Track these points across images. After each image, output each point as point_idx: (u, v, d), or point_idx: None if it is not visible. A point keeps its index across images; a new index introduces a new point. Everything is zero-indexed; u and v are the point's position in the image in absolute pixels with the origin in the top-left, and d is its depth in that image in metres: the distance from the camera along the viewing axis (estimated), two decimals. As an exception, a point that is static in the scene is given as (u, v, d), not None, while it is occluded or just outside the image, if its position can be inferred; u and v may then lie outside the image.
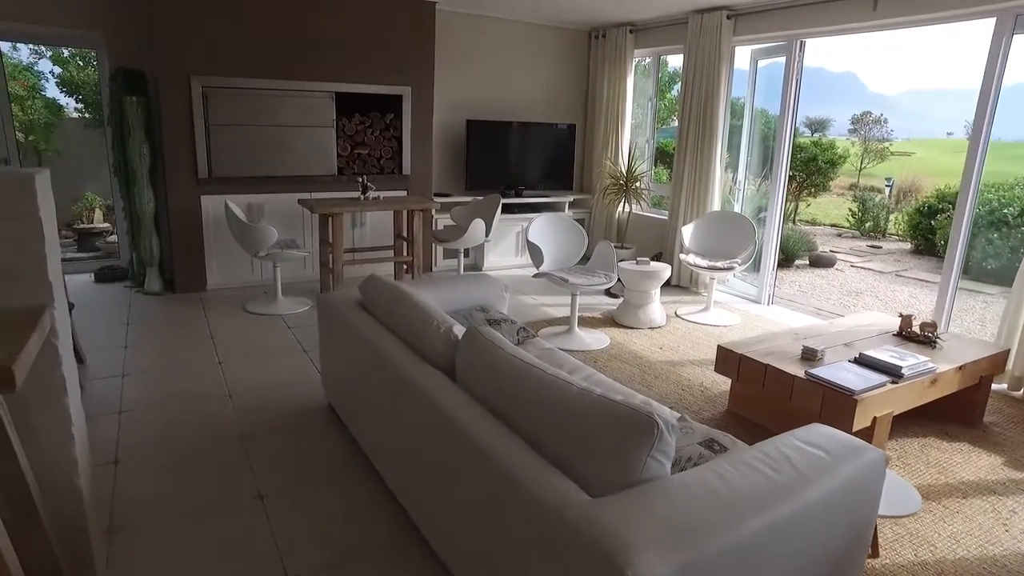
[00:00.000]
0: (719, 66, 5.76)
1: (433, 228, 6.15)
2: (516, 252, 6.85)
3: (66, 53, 8.79)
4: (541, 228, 4.69)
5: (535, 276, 4.56)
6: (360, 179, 5.32)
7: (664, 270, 4.97)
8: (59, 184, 7.97)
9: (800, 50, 5.37)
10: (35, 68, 8.75)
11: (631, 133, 7.17)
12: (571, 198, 7.17)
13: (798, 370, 3.05)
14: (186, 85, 5.11)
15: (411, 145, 6.14)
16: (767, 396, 3.23)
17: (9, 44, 8.40)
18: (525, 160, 6.99)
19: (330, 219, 5.08)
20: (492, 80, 6.90)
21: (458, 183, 6.84)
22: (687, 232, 5.52)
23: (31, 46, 8.60)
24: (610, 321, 5.10)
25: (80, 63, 9.02)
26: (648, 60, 7.13)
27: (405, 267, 5.64)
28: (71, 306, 3.87)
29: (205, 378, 3.78)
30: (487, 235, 5.75)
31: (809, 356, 3.18)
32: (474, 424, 1.92)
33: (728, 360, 3.38)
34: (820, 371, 2.96)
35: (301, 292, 5.57)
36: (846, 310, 6.66)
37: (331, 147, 5.80)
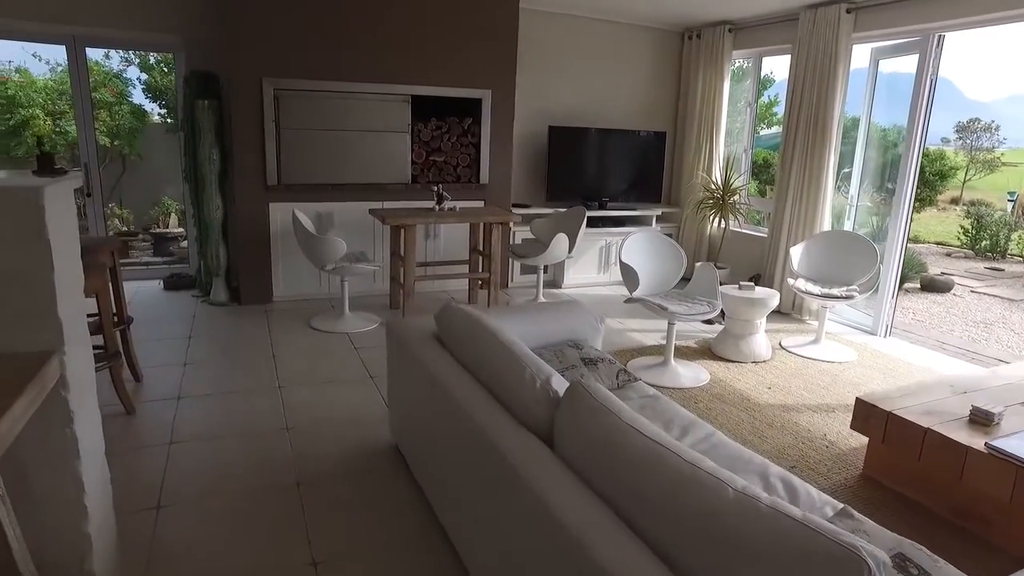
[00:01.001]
0: (834, 67, 5.11)
1: (510, 242, 5.72)
2: (598, 269, 6.34)
3: (152, 60, 8.87)
4: (636, 247, 4.18)
5: (627, 301, 4.05)
6: (435, 188, 4.95)
7: (771, 297, 4.36)
8: (140, 188, 7.96)
9: (937, 46, 4.66)
10: (124, 75, 8.85)
11: (725, 142, 6.56)
12: (659, 211, 6.61)
13: (971, 439, 2.43)
14: (257, 87, 4.87)
15: (490, 152, 5.74)
16: (926, 468, 2.61)
17: (102, 53, 8.54)
18: (610, 170, 6.48)
19: (402, 231, 4.72)
20: (576, 84, 6.43)
21: (538, 193, 6.40)
22: (796, 254, 4.88)
23: (121, 53, 8.70)
24: (707, 352, 4.53)
25: (165, 69, 9.09)
26: (746, 62, 6.51)
27: (480, 283, 5.23)
28: (129, 320, 3.63)
29: (263, 406, 3.45)
30: (570, 251, 5.27)
31: (982, 420, 2.56)
32: (582, 521, 1.44)
33: (871, 418, 2.78)
34: (1006, 444, 2.34)
35: (369, 307, 5.24)
36: (976, 345, 5.83)
37: (405, 153, 5.46)
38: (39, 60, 8.34)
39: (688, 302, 3.98)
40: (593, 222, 6.20)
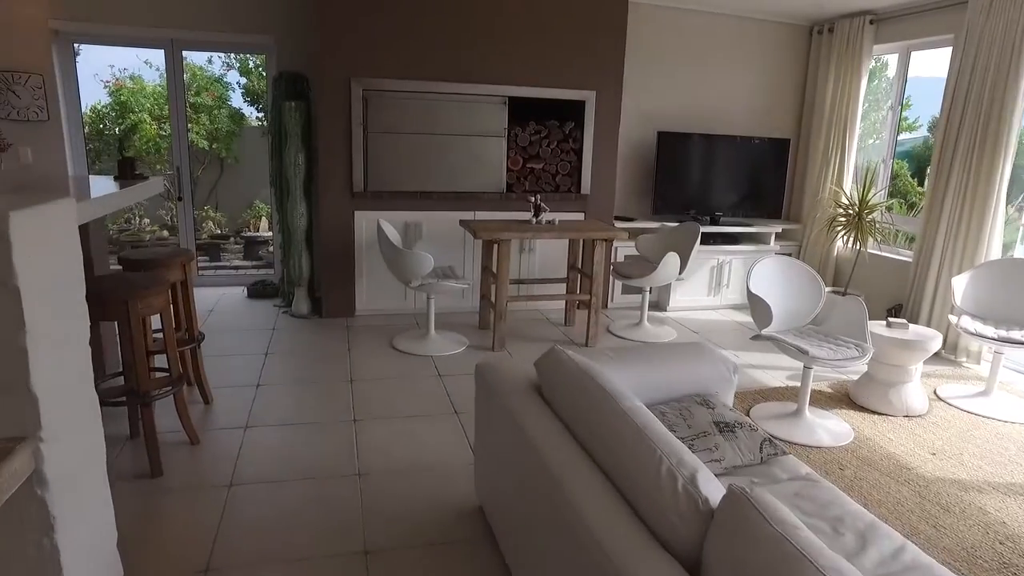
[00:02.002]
0: (1017, 61, 4.25)
1: (613, 259, 5.18)
2: (708, 290, 5.68)
3: (251, 64, 8.91)
4: (766, 275, 3.54)
5: (756, 339, 3.42)
6: (532, 199, 4.48)
7: (932, 340, 3.61)
8: (235, 191, 7.93)
9: None
10: (224, 79, 8.94)
11: (858, 151, 5.76)
12: (778, 228, 5.87)
13: None
14: (345, 88, 4.56)
15: (592, 160, 5.22)
16: None
17: (205, 59, 8.64)
18: (723, 181, 5.81)
19: (496, 246, 4.27)
20: (687, 85, 5.81)
21: (643, 206, 5.82)
22: (959, 285, 4.08)
23: (222, 58, 8.78)
24: (845, 399, 3.82)
25: (262, 73, 9.12)
26: (882, 59, 5.68)
27: (578, 304, 4.72)
28: (200, 338, 3.35)
29: (335, 443, 3.07)
30: (681, 272, 4.67)
31: None
32: None
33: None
34: None
35: (457, 326, 4.83)
36: None
37: (500, 160, 5.02)
38: (150, 67, 8.52)
39: (830, 343, 3.31)
40: (704, 238, 5.53)
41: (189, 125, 8.03)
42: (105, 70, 8.40)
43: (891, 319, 3.75)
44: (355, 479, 2.76)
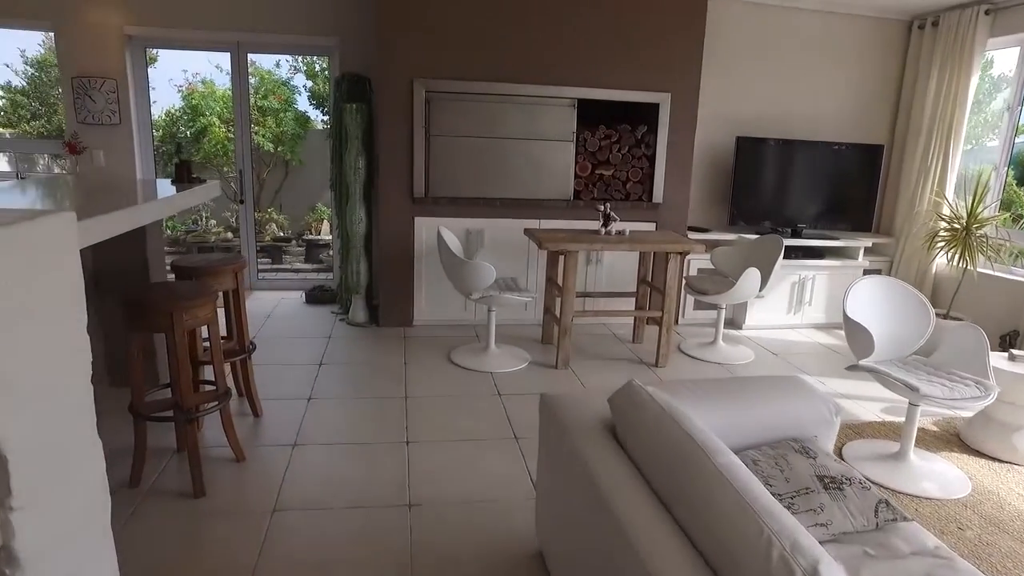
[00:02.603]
0: None
1: (685, 272, 4.83)
2: (789, 308, 5.25)
3: (317, 68, 8.94)
4: (866, 297, 3.15)
5: (852, 369, 3.04)
6: (601, 207, 4.20)
7: (1062, 374, 3.13)
8: (299, 193, 7.94)
9: None
10: (291, 83, 9.00)
11: (963, 158, 5.22)
12: (868, 242, 5.38)
13: None
14: (408, 90, 4.39)
15: (666, 166, 4.89)
16: None
17: (273, 63, 8.72)
18: (807, 190, 5.37)
19: (562, 257, 4.01)
20: (768, 87, 5.40)
21: (718, 216, 5.44)
22: (1092, 312, 3.57)
23: (289, 61, 8.85)
24: (955, 440, 3.37)
25: (328, 76, 9.14)
26: (995, 54, 5.13)
27: (647, 320, 4.40)
28: (251, 348, 3.21)
29: (386, 467, 2.86)
30: (761, 289, 4.29)
31: None
32: None
33: None
34: None
35: (519, 340, 4.59)
36: None
37: (568, 166, 4.76)
38: (220, 71, 8.66)
39: (942, 378, 2.90)
40: (785, 252, 5.12)
41: (256, 128, 8.11)
42: (179, 75, 8.59)
43: (1014, 351, 3.29)
44: (405, 511, 2.54)
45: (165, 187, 3.30)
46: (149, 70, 8.33)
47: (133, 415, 2.56)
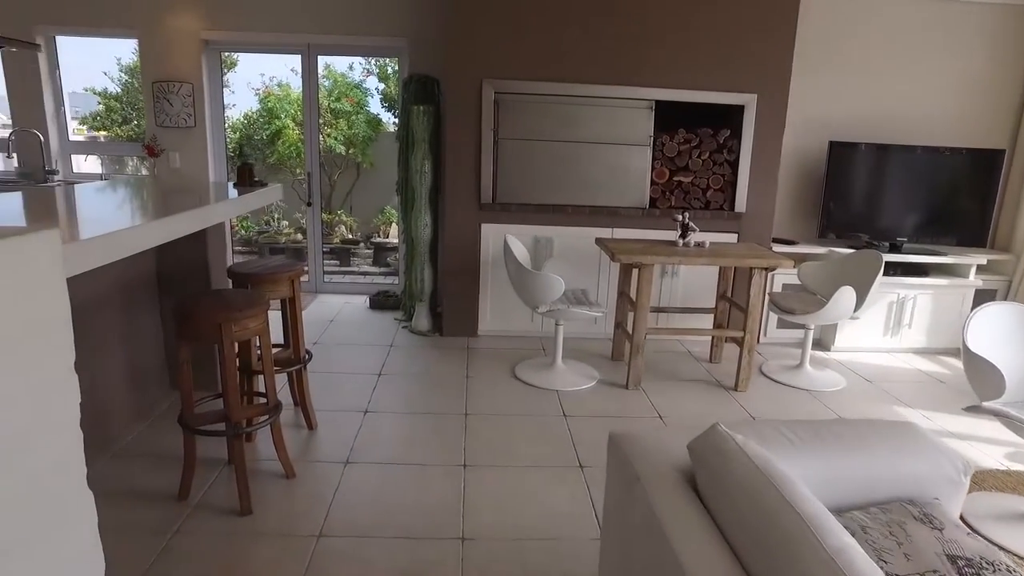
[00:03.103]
0: None
1: (768, 288, 4.46)
2: (885, 330, 4.78)
3: (390, 70, 8.95)
4: (992, 326, 2.74)
5: (970, 410, 2.64)
6: (680, 217, 3.90)
7: None
8: (369, 196, 7.95)
9: None
10: (363, 85, 9.03)
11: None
12: (982, 259, 4.84)
13: None
14: (476, 90, 4.22)
15: (750, 173, 4.54)
16: None
17: (347, 65, 8.77)
18: (908, 199, 4.88)
19: (636, 270, 3.74)
20: (865, 86, 4.94)
21: (806, 227, 5.03)
22: None
23: (363, 64, 8.88)
24: (1092, 492, 2.91)
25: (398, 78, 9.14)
26: None
27: (726, 340, 4.07)
28: (308, 356, 3.09)
29: (439, 493, 2.67)
30: (857, 310, 3.89)
31: None
32: None
33: None
34: None
35: (587, 355, 4.33)
36: None
37: (644, 172, 4.47)
38: (296, 74, 8.78)
39: (1086, 423, 2.47)
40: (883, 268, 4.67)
41: (328, 130, 8.16)
42: (257, 79, 8.76)
43: None
44: (457, 544, 2.34)
45: (228, 190, 3.24)
46: (229, 75, 8.55)
47: (182, 427, 2.46)
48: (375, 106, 8.80)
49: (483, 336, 4.66)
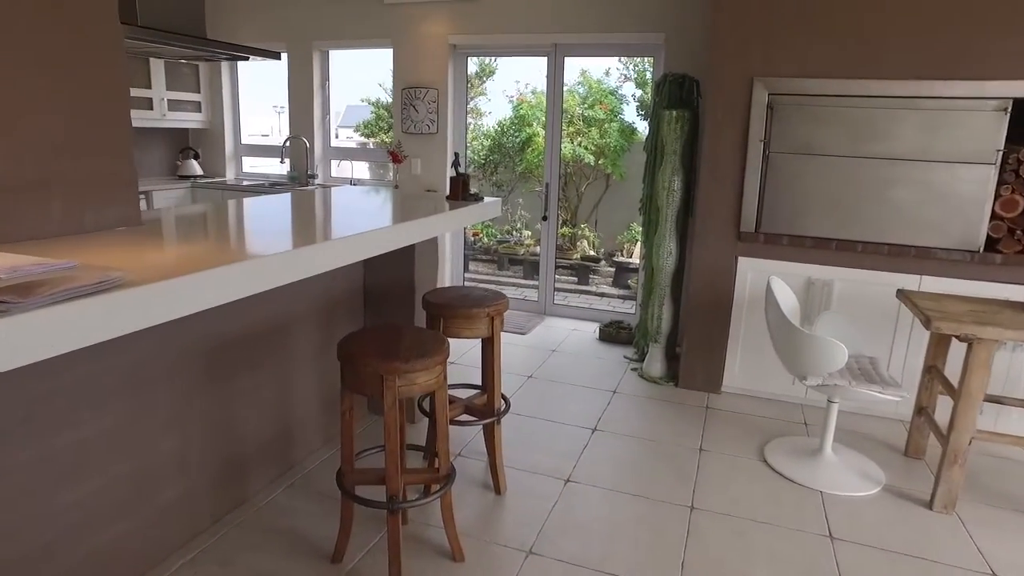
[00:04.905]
0: None
1: None
2: None
3: (648, 75, 8.28)
4: None
5: None
6: (1043, 271, 2.65)
7: None
8: (617, 210, 7.39)
9: None
10: (619, 92, 8.49)
11: None
12: None
13: None
14: (745, 91, 3.36)
15: None
16: None
17: (603, 71, 8.31)
18: None
19: (968, 346, 2.59)
20: None
21: None
22: None
23: (620, 69, 8.34)
24: None
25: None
26: None
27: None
28: (505, 407, 2.58)
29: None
30: None
31: None
32: None
33: None
34: None
35: (868, 442, 3.24)
36: None
37: (981, 200, 3.20)
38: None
39: None
40: None
41: (579, 139, 7.75)
42: (512, 86, 8.70)
43: None
44: None
45: (444, 203, 2.87)
46: (488, 83, 8.60)
47: (339, 488, 2.08)
48: (630, 114, 8.21)
49: (727, 394, 3.77)
